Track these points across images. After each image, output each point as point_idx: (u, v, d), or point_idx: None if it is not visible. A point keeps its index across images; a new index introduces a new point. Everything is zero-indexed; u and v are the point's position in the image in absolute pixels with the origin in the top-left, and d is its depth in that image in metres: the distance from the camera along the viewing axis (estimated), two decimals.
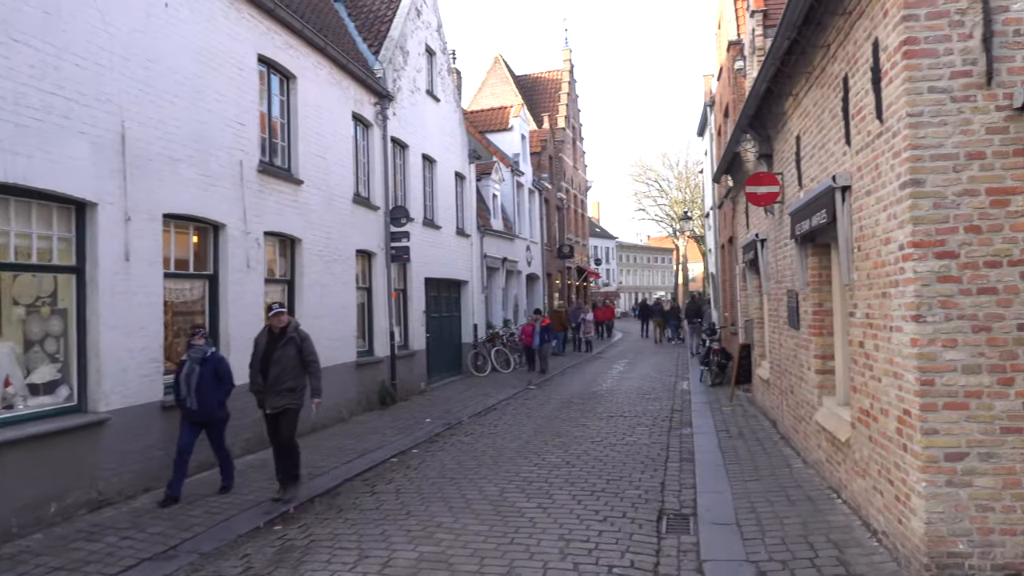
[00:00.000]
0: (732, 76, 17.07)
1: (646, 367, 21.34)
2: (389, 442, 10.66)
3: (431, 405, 14.33)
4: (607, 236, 75.00)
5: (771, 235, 10.28)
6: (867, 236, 5.74)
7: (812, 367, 7.98)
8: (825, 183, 6.47)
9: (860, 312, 6.01)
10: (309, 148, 12.15)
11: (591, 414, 12.87)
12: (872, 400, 5.74)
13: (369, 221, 14.38)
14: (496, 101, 34.94)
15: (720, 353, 16.32)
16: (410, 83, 16.69)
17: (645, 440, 10.46)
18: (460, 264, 19.93)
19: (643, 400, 14.51)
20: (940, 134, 4.82)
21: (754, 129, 10.16)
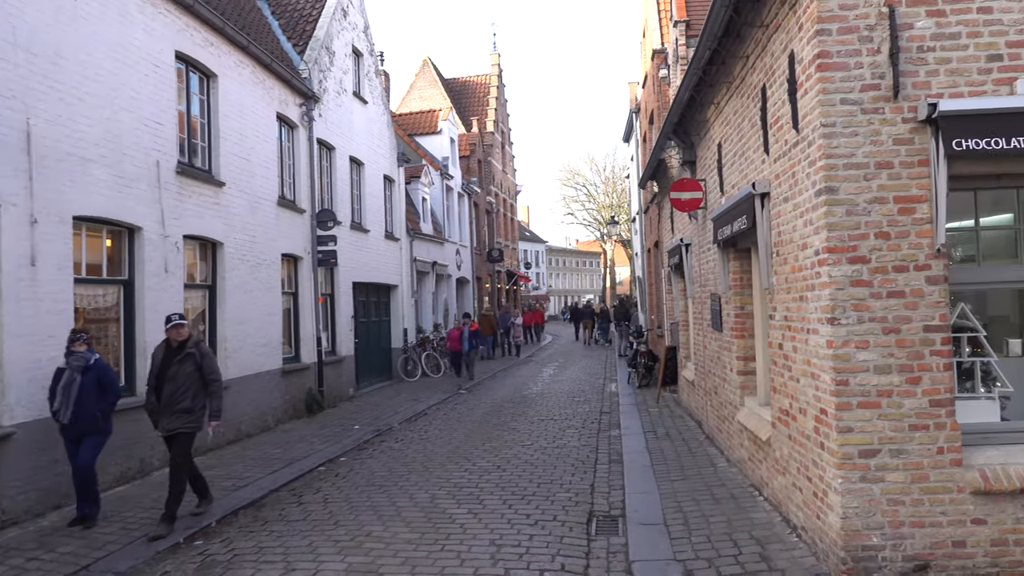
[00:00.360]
0: (657, 84, 17.46)
1: (576, 370, 21.56)
2: (316, 450, 10.45)
3: (360, 411, 14.12)
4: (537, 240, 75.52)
5: (695, 240, 10.53)
6: (785, 241, 5.94)
7: (734, 368, 8.20)
8: (745, 190, 6.66)
9: (779, 315, 6.21)
10: (231, 149, 11.81)
11: (522, 418, 12.91)
12: (791, 400, 5.94)
13: (295, 224, 14.09)
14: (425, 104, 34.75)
15: (647, 355, 16.63)
16: (337, 84, 16.43)
17: (575, 442, 10.54)
18: (389, 268, 19.73)
19: (573, 403, 14.64)
20: (852, 144, 5.03)
21: (678, 136, 10.40)
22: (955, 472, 4.91)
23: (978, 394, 5.37)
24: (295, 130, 14.44)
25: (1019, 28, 4.96)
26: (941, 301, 4.97)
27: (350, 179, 17.30)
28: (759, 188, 6.35)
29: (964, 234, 5.50)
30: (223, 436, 11.01)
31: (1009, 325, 5.72)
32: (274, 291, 13.00)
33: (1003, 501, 4.89)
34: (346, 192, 16.90)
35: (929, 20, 4.98)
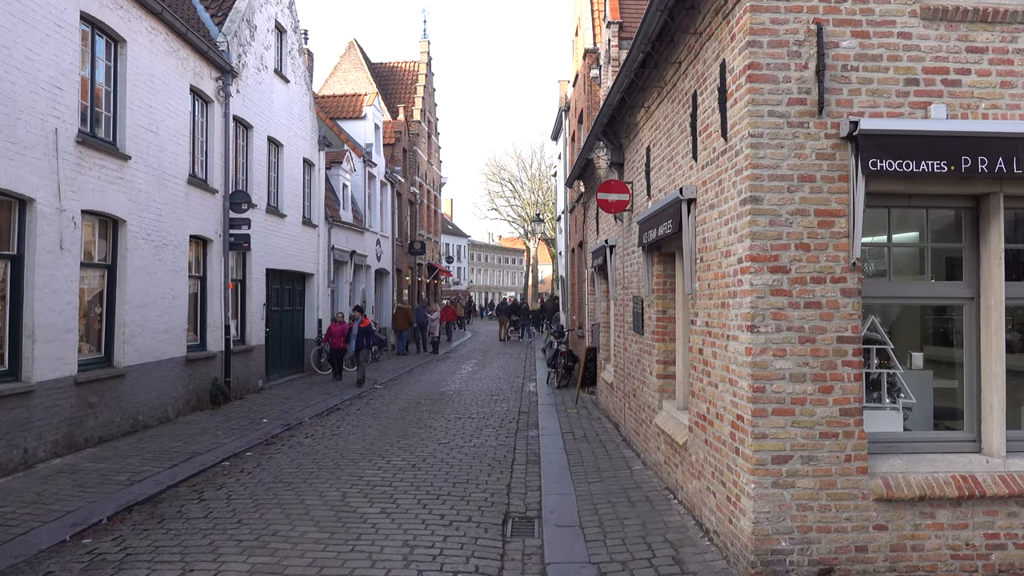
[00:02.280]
0: (588, 83, 17.66)
1: (494, 368, 21.62)
2: (221, 444, 10.14)
3: (269, 404, 13.77)
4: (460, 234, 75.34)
5: (620, 242, 10.71)
6: (709, 248, 6.10)
7: (654, 372, 8.39)
8: (672, 195, 6.81)
9: (701, 320, 6.38)
10: (139, 121, 11.31)
11: (438, 415, 12.85)
12: (709, 405, 6.11)
13: (206, 205, 13.64)
14: (349, 87, 34.10)
15: (567, 356, 16.83)
16: (257, 60, 15.94)
17: (492, 442, 10.57)
18: (305, 255, 19.32)
19: (491, 401, 14.68)
20: (777, 155, 5.21)
21: (607, 137, 10.54)
22: (861, 479, 5.16)
23: (884, 404, 5.66)
24: (210, 105, 13.96)
25: (935, 55, 5.25)
26: (854, 313, 5.21)
27: (268, 160, 16.89)
28: (686, 194, 6.50)
29: (876, 249, 5.78)
30: (117, 426, 10.53)
31: (911, 339, 6.06)
32: (180, 274, 12.57)
33: (903, 508, 5.18)
34: (263, 174, 16.49)
35: (854, 40, 5.21)
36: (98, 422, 10.09)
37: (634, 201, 9.63)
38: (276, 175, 17.58)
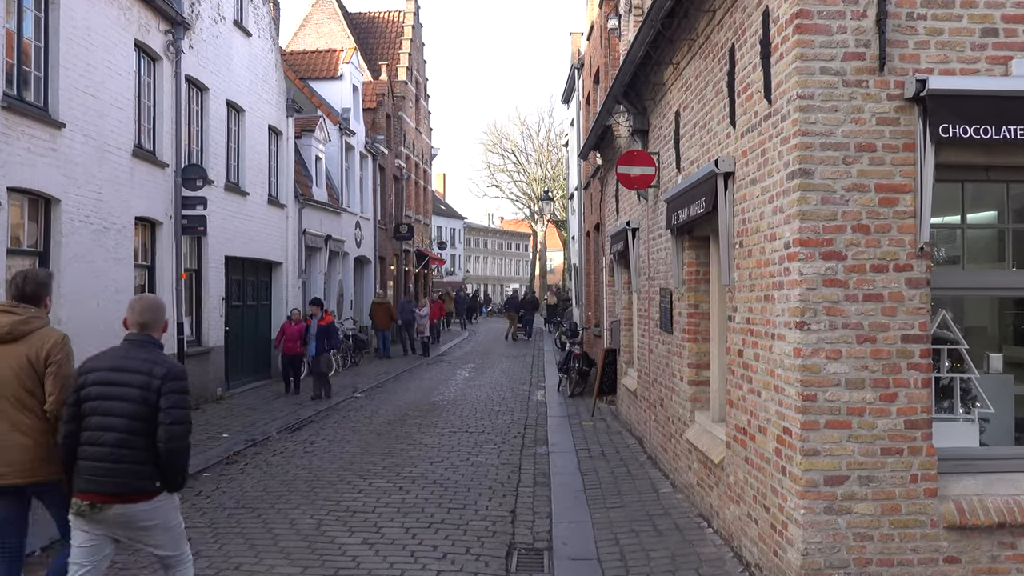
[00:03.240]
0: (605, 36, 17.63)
1: (496, 373, 21.67)
2: None
3: (230, 416, 13.83)
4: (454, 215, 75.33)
5: (644, 224, 10.72)
6: (750, 231, 6.10)
7: (685, 377, 8.41)
8: (706, 168, 6.81)
9: (740, 316, 6.38)
10: (75, 82, 11.34)
11: (430, 429, 12.90)
12: (750, 416, 6.13)
13: (155, 181, 13.68)
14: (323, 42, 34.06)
15: (582, 359, 16.87)
16: (213, 10, 15.94)
17: (493, 460, 10.61)
18: (272, 241, 19.35)
19: (492, 413, 14.73)
20: (831, 120, 5.21)
21: (628, 100, 10.53)
22: (929, 504, 5.18)
23: (956, 415, 5.67)
24: (158, 63, 13.98)
25: (1016, 1, 5.23)
26: (922, 307, 5.22)
27: (227, 129, 16.91)
28: (723, 166, 6.50)
29: (947, 231, 5.79)
30: None
31: (988, 337, 6.06)
32: (125, 263, 12.63)
33: (979, 537, 5.20)
34: (221, 145, 16.52)
35: None
36: None
37: (661, 175, 9.64)
38: (237, 146, 17.60)
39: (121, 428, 4.46)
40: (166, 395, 4.47)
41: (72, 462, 4.55)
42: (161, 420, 4.45)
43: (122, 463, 4.45)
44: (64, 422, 4.58)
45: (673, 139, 8.77)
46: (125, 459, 4.45)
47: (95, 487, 4.46)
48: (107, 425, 4.47)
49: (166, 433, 4.44)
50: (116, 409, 4.48)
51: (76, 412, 4.55)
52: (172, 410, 4.47)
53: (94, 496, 4.46)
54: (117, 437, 4.45)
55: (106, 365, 4.61)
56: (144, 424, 4.46)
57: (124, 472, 4.45)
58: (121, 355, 4.63)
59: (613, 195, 13.91)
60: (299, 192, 21.23)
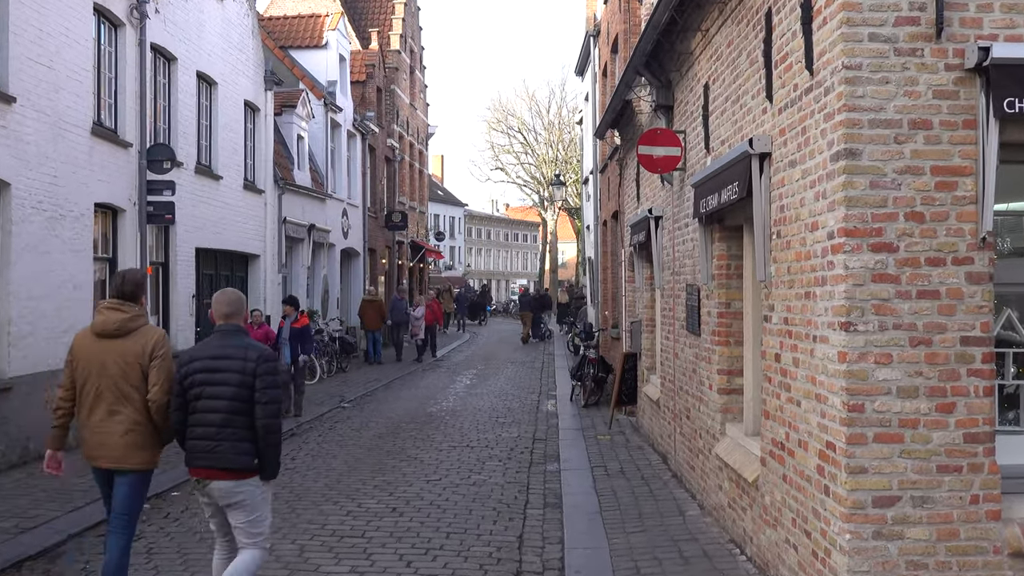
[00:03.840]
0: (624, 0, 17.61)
1: (500, 380, 21.69)
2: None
3: None
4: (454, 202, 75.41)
5: (668, 212, 10.71)
6: (789, 219, 6.09)
7: (714, 385, 8.40)
8: (739, 148, 6.80)
9: (777, 316, 6.37)
10: (27, 51, 11.38)
11: (426, 444, 12.92)
12: (788, 429, 6.12)
13: (117, 163, 13.71)
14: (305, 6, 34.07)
15: (598, 364, 16.88)
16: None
17: (498, 479, 10.62)
18: (249, 231, 19.40)
19: (496, 425, 14.75)
20: (881, 94, 5.19)
21: (651, 71, 10.51)
22: (992, 528, 5.17)
23: (1022, 428, 5.66)
24: (120, 30, 14.01)
25: None
26: (984, 306, 5.20)
27: (197, 104, 16.96)
28: (758, 146, 6.49)
29: (1013, 220, 5.76)
30: (1, 456, 10.61)
31: None
32: (83, 255, 12.66)
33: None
34: (191, 122, 16.55)
35: None
36: None
37: (687, 157, 9.62)
38: (209, 124, 17.63)
39: (224, 409, 5.52)
40: (261, 376, 5.54)
41: (182, 441, 5.68)
42: (258, 400, 5.52)
43: (225, 442, 5.51)
44: (173, 410, 5.70)
45: (701, 116, 8.75)
46: (228, 438, 5.52)
47: (203, 463, 5.56)
48: (212, 408, 5.54)
49: (263, 411, 5.52)
50: (219, 393, 5.54)
51: (182, 400, 5.65)
52: (267, 390, 5.55)
53: (202, 472, 5.57)
54: (221, 418, 5.52)
55: (206, 354, 5.67)
56: (244, 405, 5.52)
57: (227, 450, 5.52)
58: (218, 344, 5.70)
59: (633, 179, 13.90)
60: (279, 176, 21.26)
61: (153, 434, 5.84)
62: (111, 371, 5.76)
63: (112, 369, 5.76)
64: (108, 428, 5.76)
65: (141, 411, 5.78)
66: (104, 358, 5.78)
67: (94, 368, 5.79)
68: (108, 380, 5.77)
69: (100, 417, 5.77)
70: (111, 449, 5.77)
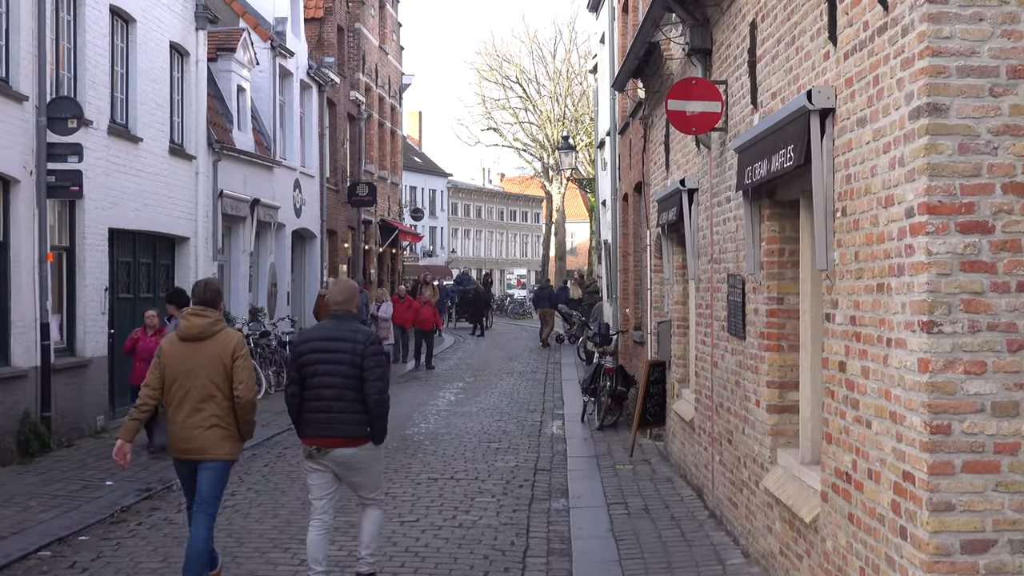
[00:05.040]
0: None
1: (494, 395, 21.69)
2: (35, 522, 10.25)
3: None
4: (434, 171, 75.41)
5: (705, 183, 10.71)
6: (858, 192, 6.08)
7: (763, 401, 8.40)
8: (795, 102, 6.79)
9: (842, 314, 6.36)
10: None
11: (399, 475, 12.94)
12: (856, 456, 6.12)
13: (8, 122, 13.72)
14: None
15: (616, 375, 16.86)
16: None
17: (491, 520, 10.64)
18: (177, 207, 19.37)
19: (488, 451, 14.78)
20: (973, 34, 5.18)
21: (683, 6, 10.49)
22: None
23: None
24: None
25: None
26: None
27: (111, 47, 16.91)
28: (818, 101, 6.48)
29: None
30: None
31: None
32: None
33: None
34: (103, 70, 16.51)
35: None
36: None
37: (729, 113, 9.61)
38: (126, 72, 17.59)
39: (337, 385, 7.63)
40: (368, 357, 7.65)
41: (298, 415, 7.82)
42: (367, 378, 7.61)
43: (341, 414, 7.63)
44: (289, 383, 7.92)
45: (747, 62, 8.75)
46: (342, 411, 7.63)
47: (320, 432, 7.68)
48: (326, 384, 7.66)
49: (373, 388, 7.62)
50: (332, 371, 7.65)
51: (298, 376, 7.77)
52: (375, 369, 7.67)
53: (319, 440, 7.68)
54: (334, 392, 7.63)
55: (320, 336, 7.97)
56: (354, 381, 7.61)
57: (341, 420, 7.64)
58: (331, 327, 7.92)
59: (661, 142, 13.89)
60: (214, 138, 21.20)
61: (234, 427, 7.80)
62: (198, 372, 7.71)
63: (199, 370, 7.71)
64: (194, 423, 7.68)
65: (224, 407, 7.73)
66: (191, 360, 7.72)
67: (182, 369, 7.72)
68: (195, 380, 7.70)
69: (187, 413, 7.69)
70: (197, 442, 7.69)
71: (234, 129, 22.92)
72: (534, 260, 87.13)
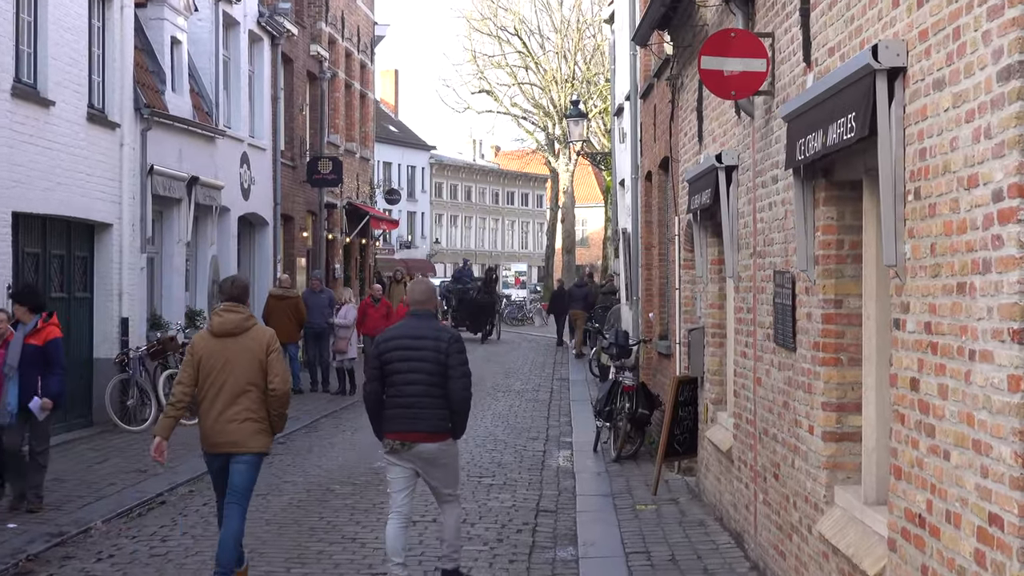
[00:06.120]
0: None
1: (487, 420, 21.66)
2: None
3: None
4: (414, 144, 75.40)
5: (747, 159, 10.71)
6: (935, 170, 6.07)
7: (818, 427, 8.39)
8: (857, 60, 6.78)
9: (915, 321, 6.35)
10: None
11: (370, 515, 12.94)
12: (931, 495, 6.11)
13: None
14: None
15: (636, 395, 16.82)
16: None
17: (482, 572, 10.68)
18: (96, 186, 19.38)
19: (478, 488, 14.82)
20: None
21: None
22: None
23: None
24: None
25: None
26: None
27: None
28: (886, 58, 6.47)
29: None
30: None
31: None
32: None
33: None
34: (5, 18, 16.53)
35: None
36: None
37: (777, 73, 9.62)
38: (33, 21, 17.58)
39: (423, 382, 9.49)
40: (452, 355, 9.55)
41: (378, 412, 9.67)
42: (451, 375, 9.50)
43: (426, 410, 9.44)
44: (369, 381, 9.78)
45: (799, 10, 8.75)
46: (427, 406, 9.45)
47: (404, 427, 9.47)
48: (411, 380, 9.50)
49: (457, 384, 9.53)
50: (418, 368, 9.50)
51: (379, 373, 9.64)
52: (459, 367, 9.57)
53: (403, 435, 9.47)
54: (420, 389, 9.47)
55: (404, 334, 9.80)
56: (438, 378, 9.48)
57: (426, 416, 9.44)
58: (414, 326, 9.79)
59: (693, 108, 13.89)
60: (143, 101, 21.15)
61: (266, 420, 9.46)
62: (233, 366, 9.31)
63: (234, 365, 9.32)
64: (228, 417, 9.29)
65: (258, 401, 9.38)
66: (226, 355, 9.33)
67: (217, 365, 9.30)
68: (230, 375, 9.31)
69: (220, 408, 9.30)
70: (231, 435, 9.31)
71: (167, 91, 22.88)
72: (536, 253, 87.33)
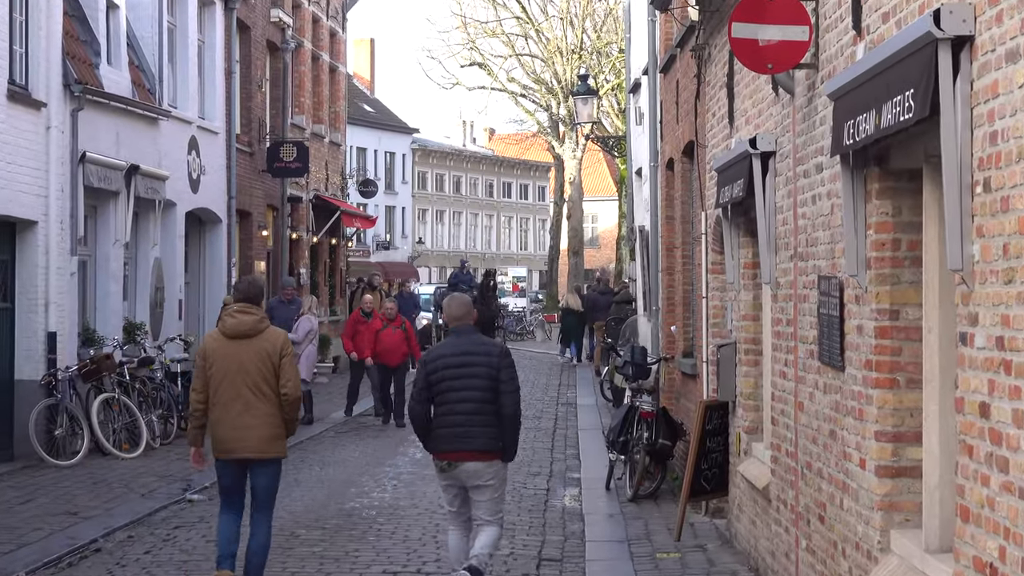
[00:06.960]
0: None
1: None
2: None
3: None
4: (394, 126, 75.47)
5: (786, 144, 10.73)
6: (1007, 157, 6.08)
7: (871, 460, 8.40)
8: (916, 27, 6.79)
9: (985, 335, 6.36)
10: None
11: (341, 566, 12.98)
12: (1004, 540, 6.10)
13: None
14: None
15: (656, 422, 16.83)
16: None
17: None
18: (17, 177, 19.49)
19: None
20: None
21: None
22: None
23: None
24: None
25: None
26: None
27: None
28: (949, 25, 6.47)
29: None
30: None
31: None
32: None
33: None
34: None
35: None
36: None
37: (821, 43, 9.65)
38: None
39: (476, 399, 10.62)
40: (503, 369, 10.73)
41: (427, 431, 10.87)
42: (503, 390, 10.63)
43: (477, 427, 10.57)
44: (417, 401, 10.89)
45: None
46: (479, 424, 10.58)
47: (453, 447, 10.63)
48: (464, 398, 10.61)
49: (508, 400, 10.68)
50: (470, 385, 10.62)
51: (427, 394, 10.79)
52: (510, 381, 10.74)
53: (452, 455, 10.63)
54: (473, 407, 10.61)
55: (453, 351, 10.94)
56: (491, 394, 10.61)
57: (478, 434, 10.56)
58: (462, 343, 10.95)
59: (722, 84, 13.91)
60: (74, 77, 21.17)
61: (283, 425, 10.55)
62: (248, 369, 10.26)
63: (249, 367, 10.26)
64: (246, 423, 10.30)
65: (274, 404, 10.39)
66: (241, 358, 10.28)
67: (231, 367, 10.25)
68: (245, 378, 10.27)
69: (237, 413, 10.27)
70: (250, 441, 10.34)
71: (102, 64, 22.90)
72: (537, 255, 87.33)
